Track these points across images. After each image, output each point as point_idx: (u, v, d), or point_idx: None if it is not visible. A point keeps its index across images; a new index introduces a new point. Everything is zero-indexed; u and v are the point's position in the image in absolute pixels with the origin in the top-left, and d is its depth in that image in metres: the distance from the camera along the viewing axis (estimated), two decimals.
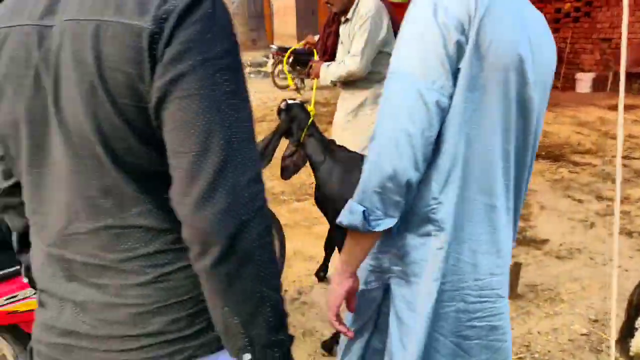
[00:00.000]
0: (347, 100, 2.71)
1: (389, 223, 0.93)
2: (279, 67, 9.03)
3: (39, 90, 0.71)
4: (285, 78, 9.00)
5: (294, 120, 2.25)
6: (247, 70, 12.49)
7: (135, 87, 0.65)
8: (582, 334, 2.33)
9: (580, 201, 3.99)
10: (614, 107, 7.15)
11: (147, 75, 0.64)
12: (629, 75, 8.44)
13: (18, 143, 0.75)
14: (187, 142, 0.64)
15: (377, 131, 0.93)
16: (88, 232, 0.73)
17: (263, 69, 12.57)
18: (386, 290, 1.08)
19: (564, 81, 8.65)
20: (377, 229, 0.92)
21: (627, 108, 7.14)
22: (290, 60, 7.87)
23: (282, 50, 9.07)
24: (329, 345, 2.17)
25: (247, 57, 15.18)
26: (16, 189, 0.86)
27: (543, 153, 5.16)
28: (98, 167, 0.70)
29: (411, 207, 0.98)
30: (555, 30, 9.08)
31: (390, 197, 0.91)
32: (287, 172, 2.27)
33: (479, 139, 0.95)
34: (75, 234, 0.74)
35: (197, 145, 0.64)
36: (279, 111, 2.28)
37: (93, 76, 0.65)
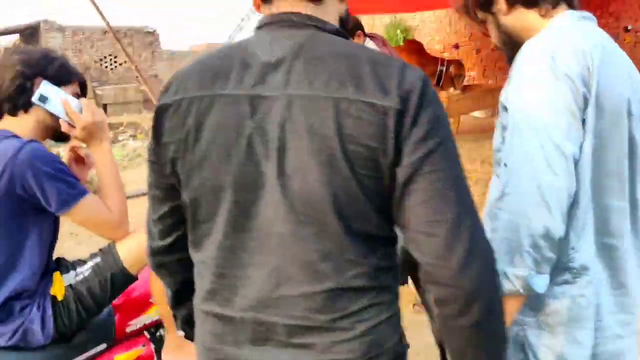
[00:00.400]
0: None
1: (544, 280, 0.93)
2: None
3: (251, 157, 0.75)
4: None
5: None
6: None
7: (376, 160, 0.71)
8: None
9: None
10: None
11: (390, 150, 0.71)
12: None
13: (215, 207, 0.78)
14: (443, 211, 0.71)
15: (511, 187, 0.93)
16: (301, 296, 0.75)
17: None
18: (515, 342, 1.06)
19: None
20: (536, 289, 0.92)
21: None
22: None
23: None
24: None
25: None
26: (172, 248, 0.90)
27: None
28: (322, 233, 0.74)
29: None
30: None
31: (543, 255, 0.92)
32: None
33: (600, 184, 0.99)
34: (284, 297, 0.76)
35: (452, 213, 0.71)
36: None
37: (333, 148, 0.71)
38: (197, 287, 0.85)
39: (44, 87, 1.48)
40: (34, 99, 1.47)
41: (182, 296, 0.96)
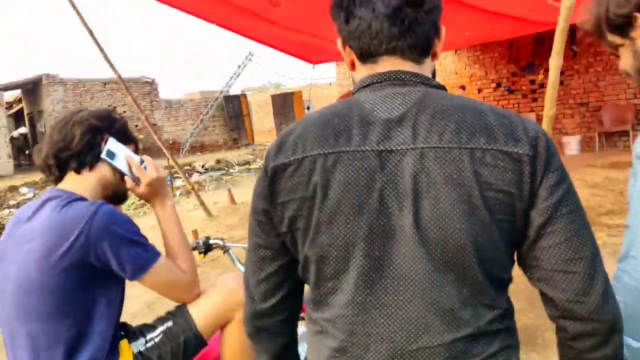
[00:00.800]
0: None
1: None
2: None
3: (384, 210, 0.75)
4: None
5: None
6: (236, 169, 12.55)
7: (512, 204, 0.74)
8: None
9: None
10: (613, 166, 7.39)
11: (526, 194, 0.74)
12: (611, 134, 8.89)
13: (345, 263, 0.78)
14: (582, 248, 0.74)
15: (637, 250, 0.85)
16: (441, 345, 0.75)
17: (251, 167, 12.67)
18: None
19: None
20: None
21: (627, 165, 7.41)
22: None
23: None
24: None
25: (232, 155, 15.35)
26: (275, 309, 0.89)
27: None
28: (461, 280, 0.75)
29: None
30: (533, 100, 9.59)
31: None
32: None
33: None
34: (422, 349, 0.75)
35: (590, 250, 0.75)
36: None
37: (473, 196, 0.73)
38: (318, 346, 0.83)
39: (111, 143, 1.42)
40: (103, 154, 1.40)
41: None
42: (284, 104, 21.01)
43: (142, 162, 1.47)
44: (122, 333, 1.42)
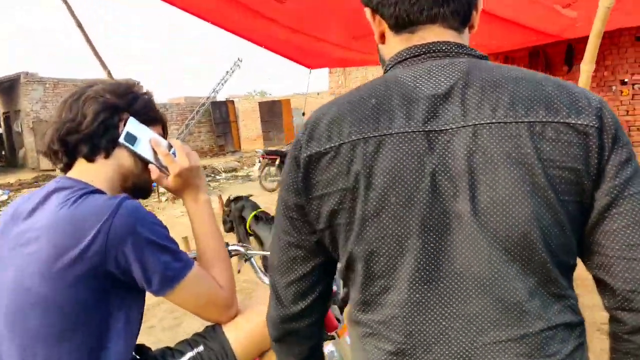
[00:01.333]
0: None
1: None
2: (267, 170, 9.01)
3: (437, 196, 0.69)
4: (273, 181, 8.89)
5: (243, 209, 3.13)
6: (223, 175, 12.24)
7: (580, 183, 0.68)
8: None
9: None
10: None
11: (593, 171, 0.68)
12: None
13: (398, 258, 0.71)
14: None
15: None
16: (510, 340, 0.68)
17: (238, 174, 12.40)
18: None
19: None
20: None
21: None
22: (277, 162, 8.67)
23: (269, 153, 9.24)
24: None
25: (218, 162, 15.01)
26: (306, 312, 0.84)
27: None
28: (526, 268, 0.68)
29: None
30: None
31: None
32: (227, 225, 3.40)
33: None
34: (489, 345, 0.68)
35: None
36: (228, 203, 2.99)
37: (536, 175, 0.67)
38: (368, 349, 0.76)
39: (132, 125, 1.16)
40: (121, 139, 1.14)
41: None
42: (272, 111, 20.81)
43: (170, 147, 1.21)
44: (139, 357, 1.17)
